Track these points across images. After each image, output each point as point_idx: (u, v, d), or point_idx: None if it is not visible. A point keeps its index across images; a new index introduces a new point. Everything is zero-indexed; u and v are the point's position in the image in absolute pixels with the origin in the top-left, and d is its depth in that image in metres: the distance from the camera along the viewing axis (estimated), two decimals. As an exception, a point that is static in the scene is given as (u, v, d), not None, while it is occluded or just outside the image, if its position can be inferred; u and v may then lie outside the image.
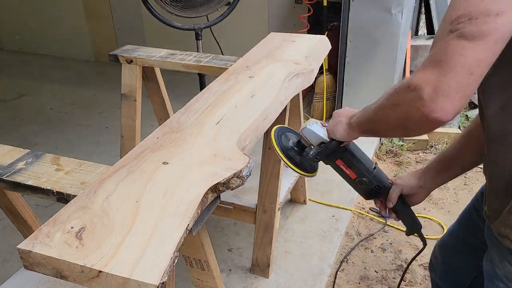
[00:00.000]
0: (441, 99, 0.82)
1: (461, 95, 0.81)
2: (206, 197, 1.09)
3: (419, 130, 0.90)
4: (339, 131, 1.14)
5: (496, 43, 0.80)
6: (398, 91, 0.90)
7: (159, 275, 0.87)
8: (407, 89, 0.86)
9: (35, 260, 0.94)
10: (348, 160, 1.22)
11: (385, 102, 0.95)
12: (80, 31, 4.72)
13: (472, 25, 0.80)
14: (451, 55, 0.81)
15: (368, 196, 1.28)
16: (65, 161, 1.33)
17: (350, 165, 1.22)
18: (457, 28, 0.81)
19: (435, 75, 0.82)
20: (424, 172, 1.30)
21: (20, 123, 3.66)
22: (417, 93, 0.84)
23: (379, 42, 2.99)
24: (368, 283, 2.12)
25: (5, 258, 2.28)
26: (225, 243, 2.33)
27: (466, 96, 0.82)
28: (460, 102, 0.82)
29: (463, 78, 0.80)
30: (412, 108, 0.86)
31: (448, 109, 0.82)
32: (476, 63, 0.80)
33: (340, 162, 1.22)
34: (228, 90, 1.61)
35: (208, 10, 2.69)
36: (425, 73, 0.84)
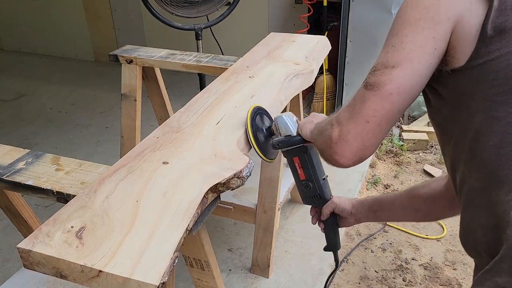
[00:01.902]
0: (341, 144, 0.88)
1: (359, 142, 0.86)
2: (206, 197, 1.09)
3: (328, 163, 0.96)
4: (306, 129, 1.18)
5: (391, 94, 0.84)
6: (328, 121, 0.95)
7: (159, 275, 0.87)
8: (329, 124, 0.92)
9: (35, 260, 0.94)
10: (304, 161, 1.27)
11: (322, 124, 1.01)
12: (80, 31, 4.72)
13: (374, 76, 0.86)
14: (356, 103, 0.87)
15: (306, 201, 1.34)
16: (65, 161, 1.33)
17: (303, 166, 1.27)
18: (366, 78, 0.88)
19: (343, 118, 0.89)
20: (359, 203, 1.36)
21: (20, 123, 3.66)
22: (330, 132, 0.90)
23: (379, 42, 2.98)
24: (368, 283, 2.12)
25: (5, 258, 2.28)
26: (225, 243, 2.33)
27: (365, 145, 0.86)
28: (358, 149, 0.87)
29: (360, 126, 0.85)
30: (324, 144, 0.93)
31: (346, 155, 0.88)
32: (372, 112, 0.85)
33: (296, 160, 1.28)
34: (228, 90, 1.61)
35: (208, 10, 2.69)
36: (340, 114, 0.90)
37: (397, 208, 1.30)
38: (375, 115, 0.84)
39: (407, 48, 0.84)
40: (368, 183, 2.79)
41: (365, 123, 0.85)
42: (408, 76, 0.84)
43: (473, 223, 0.89)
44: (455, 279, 2.12)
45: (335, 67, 3.28)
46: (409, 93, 0.85)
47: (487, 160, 0.83)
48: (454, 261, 2.22)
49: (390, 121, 0.86)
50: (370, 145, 0.87)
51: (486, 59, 0.82)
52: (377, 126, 0.85)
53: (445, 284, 2.10)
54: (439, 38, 0.84)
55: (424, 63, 0.85)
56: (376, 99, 0.84)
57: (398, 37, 0.87)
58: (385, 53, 0.87)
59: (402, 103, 0.85)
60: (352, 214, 1.36)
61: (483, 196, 0.85)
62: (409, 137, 3.16)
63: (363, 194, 2.68)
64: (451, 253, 2.28)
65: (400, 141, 3.19)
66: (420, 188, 1.26)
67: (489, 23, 0.81)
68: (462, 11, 0.83)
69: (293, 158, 1.27)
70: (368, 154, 0.89)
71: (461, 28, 0.84)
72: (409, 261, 2.23)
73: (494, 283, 0.78)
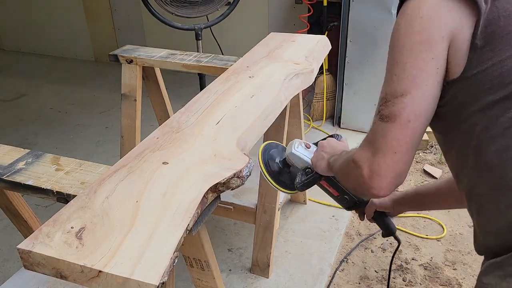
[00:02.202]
0: (376, 178, 0.88)
1: (391, 173, 0.87)
2: (206, 197, 1.09)
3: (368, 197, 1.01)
4: (321, 167, 1.21)
5: (409, 121, 0.85)
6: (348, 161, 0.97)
7: (159, 275, 0.87)
8: (352, 164, 0.94)
9: (35, 260, 0.94)
10: (331, 182, 1.32)
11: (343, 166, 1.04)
12: (80, 31, 4.72)
13: (386, 108, 0.87)
14: (377, 137, 0.88)
15: (349, 209, 1.44)
16: (65, 161, 1.33)
17: (332, 185, 1.33)
18: (379, 110, 0.89)
19: (369, 154, 0.89)
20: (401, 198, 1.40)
21: (20, 123, 3.66)
22: (358, 171, 0.91)
23: (379, 42, 2.99)
24: (368, 283, 2.12)
25: (6, 258, 2.28)
26: (225, 243, 2.33)
27: (398, 173, 0.88)
28: (393, 178, 0.88)
29: (389, 158, 0.86)
30: (357, 182, 0.93)
31: (383, 187, 0.88)
32: (397, 143, 0.85)
33: (324, 183, 1.33)
34: (228, 90, 1.61)
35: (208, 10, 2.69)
36: (362, 151, 0.91)
37: (440, 198, 1.33)
38: (400, 144, 0.86)
39: (410, 75, 0.85)
40: (368, 183, 2.78)
41: (393, 155, 0.86)
42: (420, 100, 0.85)
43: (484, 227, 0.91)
44: (455, 279, 2.12)
45: (335, 67, 3.28)
46: (425, 115, 0.87)
47: (492, 166, 0.85)
48: (454, 261, 2.22)
49: (415, 146, 0.87)
50: (403, 171, 0.88)
51: (480, 69, 0.84)
52: (405, 154, 0.86)
53: (445, 284, 2.10)
54: (438, 57, 0.86)
55: (431, 84, 0.86)
56: (396, 129, 0.85)
57: (399, 66, 0.88)
58: (391, 83, 0.88)
59: (422, 126, 0.87)
60: (394, 210, 1.42)
61: (492, 202, 0.87)
62: (409, 137, 3.16)
63: (363, 194, 2.68)
64: (451, 253, 2.28)
65: (400, 141, 3.18)
66: None
67: (478, 34, 0.83)
68: (453, 28, 0.85)
69: (320, 182, 1.31)
70: (403, 179, 0.90)
71: (454, 43, 0.86)
72: (409, 261, 2.23)
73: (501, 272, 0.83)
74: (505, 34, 0.82)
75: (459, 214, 2.54)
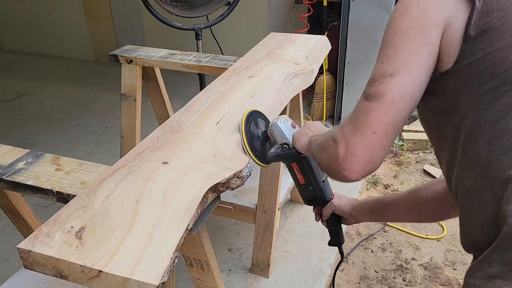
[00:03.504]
0: (350, 159, 0.86)
1: (367, 155, 0.85)
2: (206, 197, 1.09)
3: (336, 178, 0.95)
4: (301, 143, 1.18)
5: (393, 102, 0.84)
6: (328, 138, 0.95)
7: (159, 275, 0.87)
8: (331, 142, 0.92)
9: (35, 260, 0.94)
10: (302, 167, 1.27)
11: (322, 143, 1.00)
12: (80, 31, 4.72)
13: (373, 87, 0.86)
14: (359, 115, 0.87)
15: (308, 203, 1.37)
16: (65, 161, 1.33)
17: (302, 171, 1.27)
18: (365, 90, 0.88)
19: (348, 132, 0.88)
20: (360, 205, 1.37)
21: (20, 123, 3.66)
22: (334, 148, 0.89)
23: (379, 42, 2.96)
24: (368, 283, 2.12)
25: (6, 258, 2.28)
26: (225, 243, 2.33)
27: (373, 157, 0.86)
28: (367, 162, 0.86)
29: (367, 138, 0.85)
30: (330, 160, 0.92)
31: (355, 170, 0.87)
32: (378, 123, 0.84)
33: (294, 166, 1.28)
34: (228, 90, 1.61)
35: (208, 10, 2.69)
36: (342, 129, 0.90)
37: (399, 210, 1.31)
38: (381, 125, 0.84)
39: (402, 56, 0.86)
40: (368, 183, 2.79)
41: (372, 134, 0.85)
42: (408, 82, 0.85)
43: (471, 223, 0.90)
44: (455, 279, 2.12)
45: (335, 67, 3.28)
46: (410, 99, 0.86)
47: (479, 158, 0.85)
48: (454, 261, 2.22)
49: (395, 130, 0.86)
50: (378, 156, 0.87)
51: (472, 60, 0.84)
52: (383, 136, 0.85)
53: (445, 284, 2.10)
54: (432, 43, 0.86)
55: (421, 69, 0.85)
56: (379, 108, 0.84)
57: (391, 47, 0.88)
58: (381, 63, 0.88)
59: (405, 110, 0.86)
60: (352, 216, 1.37)
61: (478, 195, 0.86)
62: (409, 137, 3.16)
63: (363, 194, 2.68)
64: (451, 253, 2.28)
65: (400, 141, 3.19)
66: (422, 190, 1.27)
67: (472, 24, 0.83)
68: (448, 17, 0.85)
69: (291, 164, 1.28)
70: (377, 166, 0.88)
71: (448, 32, 0.86)
72: (409, 261, 2.23)
73: (485, 274, 0.81)
74: (497, 26, 0.83)
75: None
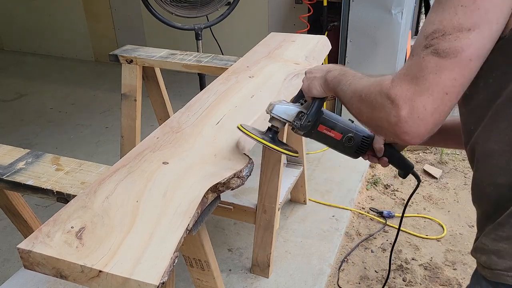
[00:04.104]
0: (417, 122, 0.78)
1: (435, 117, 0.78)
2: (206, 197, 1.09)
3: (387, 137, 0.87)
4: (316, 87, 1.09)
5: (470, 60, 0.75)
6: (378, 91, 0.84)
7: (159, 275, 0.87)
8: (386, 97, 0.81)
9: (35, 260, 0.94)
10: (329, 122, 1.17)
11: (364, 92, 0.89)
12: (80, 31, 4.72)
13: (446, 41, 0.76)
14: (426, 73, 0.77)
15: (357, 152, 1.24)
16: (65, 161, 1.33)
17: (332, 126, 1.18)
18: (431, 43, 0.77)
19: (412, 92, 0.78)
20: None
21: (20, 123, 3.66)
22: (394, 109, 0.79)
23: (379, 42, 2.99)
24: (368, 283, 2.12)
25: (6, 258, 2.28)
26: (225, 243, 2.33)
27: (441, 119, 0.79)
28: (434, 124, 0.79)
29: (438, 99, 0.77)
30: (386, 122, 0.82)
31: (421, 133, 0.79)
32: (451, 83, 0.76)
33: (322, 128, 1.17)
34: (228, 90, 1.61)
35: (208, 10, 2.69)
36: (402, 86, 0.79)
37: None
38: (455, 85, 0.76)
39: (482, 7, 0.74)
40: (368, 183, 2.79)
41: (444, 96, 0.76)
42: (487, 39, 0.75)
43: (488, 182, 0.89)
44: (455, 279, 2.12)
45: (335, 67, 3.28)
46: (484, 57, 0.77)
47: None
48: (454, 261, 2.22)
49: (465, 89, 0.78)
50: (444, 117, 0.79)
51: None
52: (456, 96, 0.77)
53: (445, 284, 2.10)
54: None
55: (501, 24, 0.75)
56: (455, 67, 0.75)
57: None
58: (453, 14, 0.75)
59: (476, 70, 0.77)
60: None
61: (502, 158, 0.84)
62: (409, 137, 3.16)
63: (363, 194, 2.68)
64: (451, 253, 2.28)
65: (400, 141, 3.18)
66: None
67: None
68: None
69: (317, 129, 1.17)
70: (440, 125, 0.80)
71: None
72: (409, 261, 2.23)
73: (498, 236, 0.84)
74: None
75: (459, 214, 2.54)
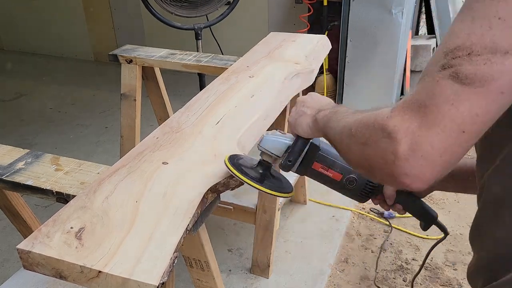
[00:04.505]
0: (419, 162, 0.60)
1: (445, 159, 0.60)
2: (206, 197, 1.09)
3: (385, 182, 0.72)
4: (302, 125, 0.92)
5: (502, 93, 0.57)
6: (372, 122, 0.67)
7: (159, 275, 0.86)
8: (381, 131, 0.64)
9: (35, 260, 0.93)
10: (326, 159, 1.00)
11: (355, 126, 0.71)
12: (80, 31, 4.71)
13: (472, 64, 0.58)
14: (440, 102, 0.59)
15: (362, 197, 1.06)
16: (65, 161, 1.33)
17: (330, 165, 1.00)
18: (451, 64, 0.59)
19: (417, 124, 0.60)
20: None
21: (20, 123, 3.66)
22: (391, 144, 0.62)
23: (379, 42, 2.99)
24: (368, 283, 2.11)
25: (5, 258, 2.28)
26: (225, 243, 2.33)
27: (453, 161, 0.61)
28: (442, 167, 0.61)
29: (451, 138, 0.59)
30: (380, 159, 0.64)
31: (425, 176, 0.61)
32: (471, 119, 0.58)
33: (318, 166, 1.01)
34: (228, 90, 1.60)
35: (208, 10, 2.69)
36: (405, 116, 0.62)
37: None
38: (476, 122, 0.58)
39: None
40: (368, 183, 2.78)
41: (459, 134, 0.58)
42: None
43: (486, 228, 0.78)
44: (455, 279, 2.12)
45: (335, 67, 3.28)
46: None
47: None
48: (455, 262, 2.22)
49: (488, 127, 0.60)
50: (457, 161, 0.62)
51: None
52: (474, 136, 0.60)
53: (445, 285, 2.10)
54: None
55: None
56: (479, 99, 0.57)
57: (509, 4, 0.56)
58: (487, 28, 0.57)
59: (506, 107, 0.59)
60: None
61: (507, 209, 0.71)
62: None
63: (363, 194, 2.68)
64: (451, 253, 2.27)
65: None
66: None
67: None
68: None
69: (311, 166, 1.01)
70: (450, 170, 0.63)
71: None
72: (410, 261, 2.23)
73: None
74: None
75: (459, 215, 2.53)
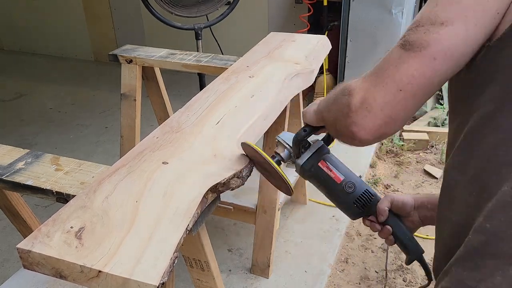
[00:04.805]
0: (363, 113, 0.72)
1: (385, 114, 0.70)
2: (206, 197, 1.09)
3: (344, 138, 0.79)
4: (310, 112, 1.01)
5: (435, 59, 0.67)
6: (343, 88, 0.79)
7: (159, 275, 0.86)
8: (345, 91, 0.77)
9: (35, 260, 0.93)
10: (333, 161, 1.06)
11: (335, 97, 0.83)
12: (80, 31, 4.71)
13: (415, 33, 0.69)
14: (388, 65, 0.71)
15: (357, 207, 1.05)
16: (65, 161, 1.33)
17: (335, 166, 1.06)
18: (404, 35, 0.71)
19: (369, 82, 0.73)
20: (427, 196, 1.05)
21: (20, 123, 3.66)
22: (348, 99, 0.75)
23: (379, 42, 2.99)
24: (368, 283, 2.11)
25: (5, 258, 2.28)
26: (225, 243, 2.33)
27: (392, 119, 0.71)
28: (383, 122, 0.71)
29: (390, 94, 0.70)
30: (339, 112, 0.77)
31: (368, 127, 0.72)
32: (408, 79, 0.68)
33: (324, 164, 1.05)
34: (228, 90, 1.60)
35: (208, 10, 2.69)
36: (363, 79, 0.75)
37: None
38: (411, 83, 0.68)
39: (463, 2, 0.66)
40: (368, 183, 2.78)
41: (397, 92, 0.69)
42: (460, 38, 0.67)
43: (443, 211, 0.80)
44: (455, 279, 2.11)
45: (335, 67, 3.28)
46: (456, 61, 0.68)
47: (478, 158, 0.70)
48: (455, 261, 2.22)
49: (427, 93, 0.70)
50: (398, 119, 0.71)
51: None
52: (411, 96, 0.69)
53: (446, 284, 2.10)
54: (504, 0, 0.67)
55: (481, 27, 0.67)
56: (415, 62, 0.68)
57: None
58: (433, 5, 0.69)
59: (445, 73, 0.69)
60: (416, 210, 1.03)
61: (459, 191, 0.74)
62: (410, 137, 3.16)
63: (363, 194, 2.68)
64: (451, 253, 2.27)
65: (401, 141, 3.19)
66: None
67: None
68: None
69: (318, 164, 1.05)
70: (392, 131, 0.73)
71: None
72: (410, 261, 2.22)
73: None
74: None
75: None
